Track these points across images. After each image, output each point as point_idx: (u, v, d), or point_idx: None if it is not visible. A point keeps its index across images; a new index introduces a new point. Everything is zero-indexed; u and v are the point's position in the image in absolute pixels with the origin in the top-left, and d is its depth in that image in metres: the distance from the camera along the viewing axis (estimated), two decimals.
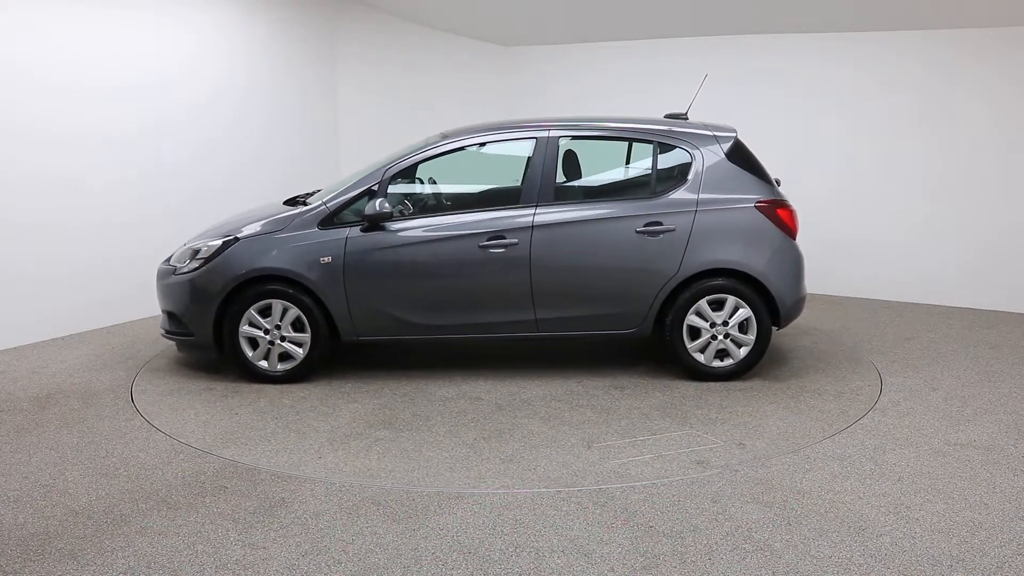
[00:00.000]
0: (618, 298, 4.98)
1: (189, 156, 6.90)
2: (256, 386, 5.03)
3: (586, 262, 4.95)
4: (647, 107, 7.38)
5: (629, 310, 5.00)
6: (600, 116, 5.42)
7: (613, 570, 2.90)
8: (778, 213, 4.96)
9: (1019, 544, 3.06)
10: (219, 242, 5.05)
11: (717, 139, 5.07)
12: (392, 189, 5.16)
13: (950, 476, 3.68)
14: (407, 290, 4.97)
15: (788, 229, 4.98)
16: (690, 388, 4.93)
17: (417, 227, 4.98)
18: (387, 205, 4.89)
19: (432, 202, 5.57)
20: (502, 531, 3.18)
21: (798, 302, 5.10)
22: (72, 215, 6.08)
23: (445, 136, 5.25)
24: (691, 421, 4.37)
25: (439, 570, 2.90)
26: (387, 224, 4.97)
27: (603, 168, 5.53)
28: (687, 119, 5.29)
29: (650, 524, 3.23)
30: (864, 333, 6.36)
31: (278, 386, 5.02)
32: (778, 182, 5.28)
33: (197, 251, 5.10)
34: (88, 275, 6.24)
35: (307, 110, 7.95)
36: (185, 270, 5.09)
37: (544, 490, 3.54)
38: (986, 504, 3.40)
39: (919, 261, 7.56)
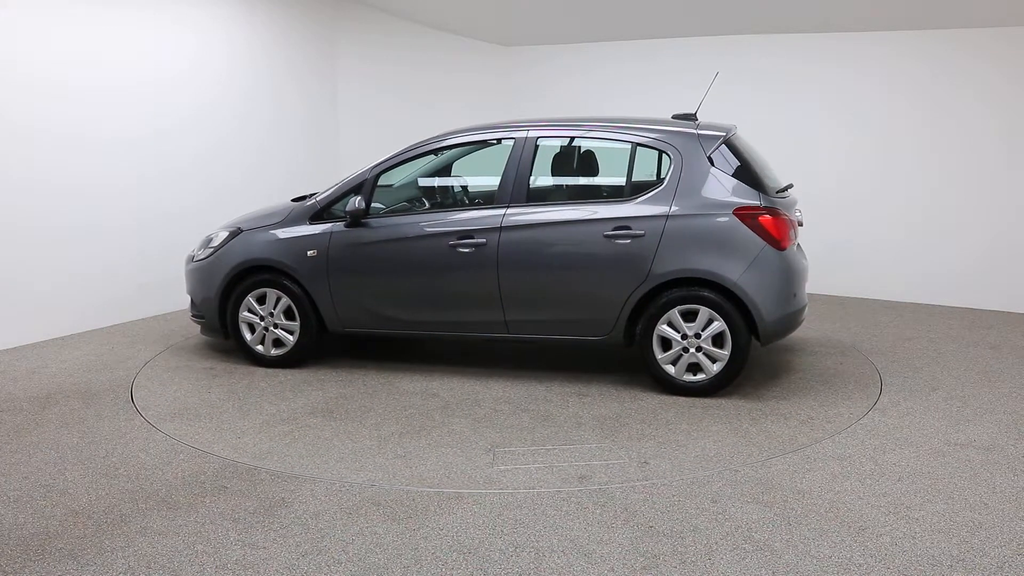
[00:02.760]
0: (585, 304, 4.82)
1: (191, 158, 6.90)
2: (251, 368, 5.38)
3: (552, 265, 4.83)
4: (647, 107, 7.39)
5: (597, 316, 4.82)
6: (584, 116, 5.34)
7: (613, 570, 2.90)
8: (760, 221, 4.57)
9: (1019, 544, 3.07)
10: (226, 233, 5.47)
11: (700, 140, 4.76)
12: (383, 184, 5.35)
13: (950, 476, 3.68)
14: (384, 285, 5.13)
15: (772, 239, 4.57)
16: (653, 401, 4.69)
17: (394, 224, 5.12)
18: (362, 203, 5.06)
19: (419, 200, 5.65)
20: (502, 531, 3.18)
21: (786, 317, 4.72)
22: (73, 216, 6.07)
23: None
24: (619, 435, 4.19)
25: (439, 570, 2.90)
26: (369, 220, 5.14)
27: (592, 169, 5.45)
28: (696, 119, 5.08)
29: (650, 524, 3.23)
30: (864, 333, 6.36)
31: (269, 369, 5.35)
32: (786, 188, 5.08)
33: (210, 240, 5.56)
34: (88, 276, 6.24)
35: (309, 110, 7.95)
36: (199, 257, 5.55)
37: (544, 490, 3.55)
38: (986, 504, 3.40)
39: (919, 261, 7.55)
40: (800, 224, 5.10)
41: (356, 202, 5.05)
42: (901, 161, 7.56)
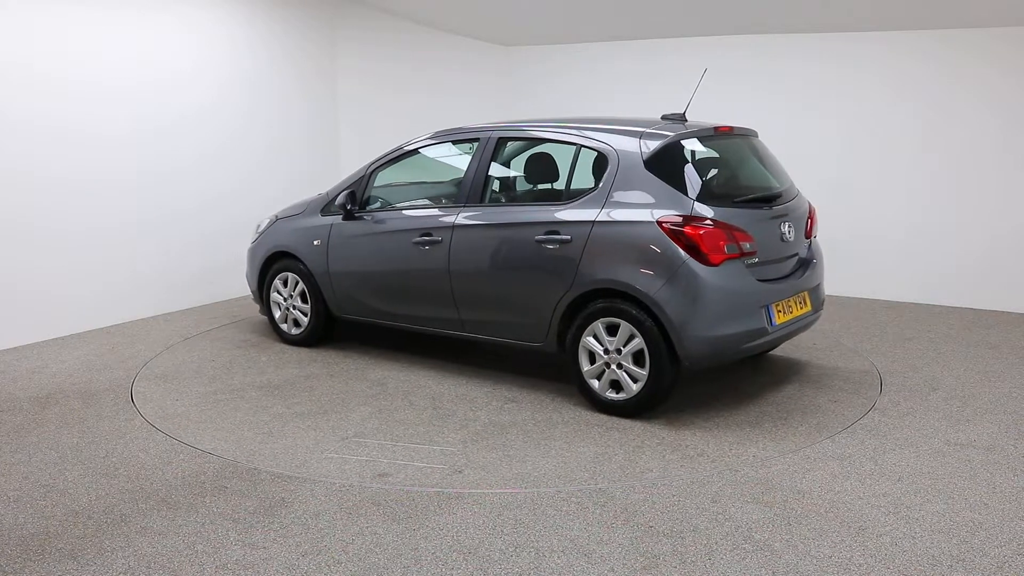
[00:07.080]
0: (520, 308, 4.72)
1: (192, 159, 6.90)
2: (271, 344, 5.93)
3: (492, 267, 4.80)
4: (647, 107, 7.37)
5: (532, 322, 4.69)
6: (547, 118, 5.29)
7: (613, 570, 2.90)
8: (687, 233, 4.15)
9: (1019, 544, 3.07)
10: (268, 220, 6.07)
11: (640, 144, 4.44)
12: (381, 182, 5.64)
13: (950, 476, 3.68)
14: (366, 277, 5.43)
15: (698, 252, 4.14)
16: (567, 415, 4.44)
17: (376, 219, 5.38)
18: (348, 198, 5.37)
19: (405, 198, 5.76)
20: (502, 531, 3.18)
21: (718, 340, 4.21)
22: (73, 216, 6.07)
23: (435, 136, 5.47)
24: (481, 442, 4.08)
25: (439, 570, 2.90)
26: (362, 215, 5.43)
27: (541, 171, 5.39)
28: (685, 119, 4.95)
29: (650, 524, 3.23)
30: (864, 333, 6.36)
31: (286, 346, 5.89)
32: (769, 198, 4.74)
33: (259, 227, 6.14)
34: (88, 276, 6.23)
35: (310, 110, 7.94)
36: (252, 240, 6.17)
37: (544, 490, 3.55)
38: (986, 504, 3.40)
39: (919, 261, 7.55)
40: (784, 240, 4.66)
41: (343, 197, 5.39)
42: (901, 161, 7.55)
